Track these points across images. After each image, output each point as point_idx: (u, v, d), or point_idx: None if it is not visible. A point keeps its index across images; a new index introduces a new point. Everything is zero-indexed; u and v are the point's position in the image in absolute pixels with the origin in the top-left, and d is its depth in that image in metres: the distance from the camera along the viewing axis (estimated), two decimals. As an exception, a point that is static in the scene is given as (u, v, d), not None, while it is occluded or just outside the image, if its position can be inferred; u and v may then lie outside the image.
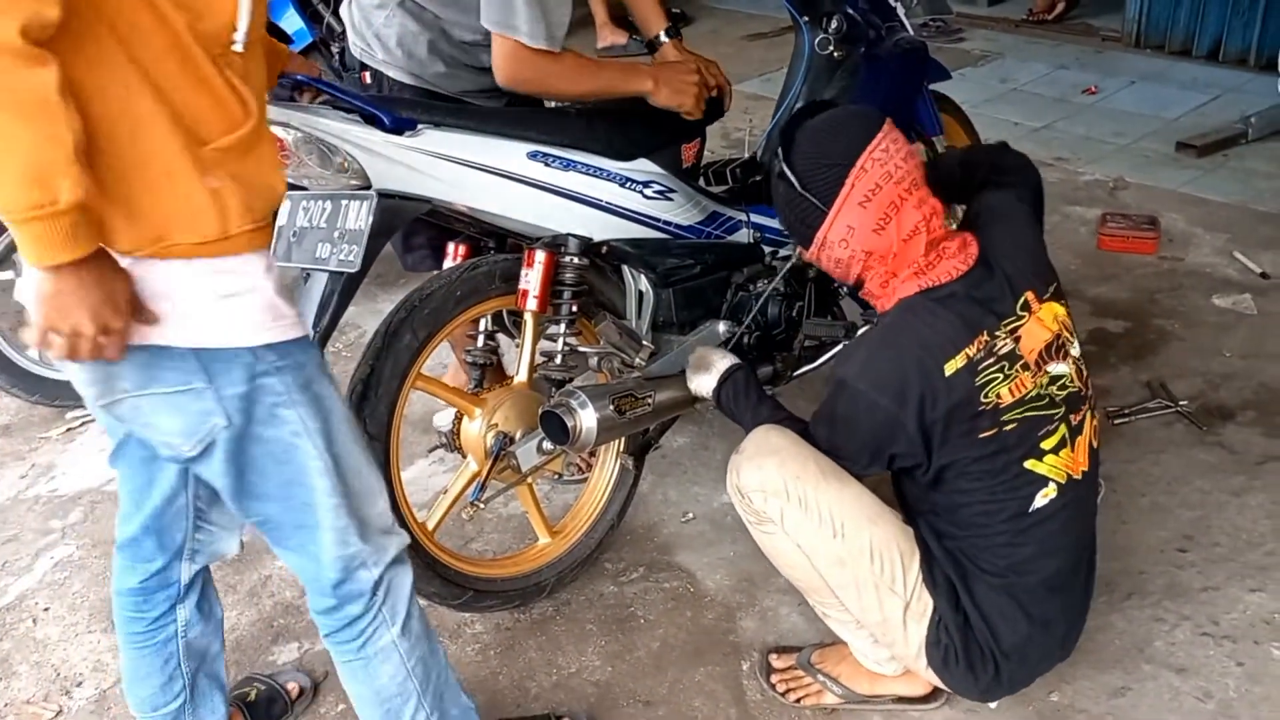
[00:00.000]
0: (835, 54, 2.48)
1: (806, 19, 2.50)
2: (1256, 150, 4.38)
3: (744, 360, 2.36)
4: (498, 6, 2.00)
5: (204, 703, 1.85)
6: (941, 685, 1.95)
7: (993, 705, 2.01)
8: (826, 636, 2.12)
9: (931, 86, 2.85)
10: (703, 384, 2.08)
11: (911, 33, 2.66)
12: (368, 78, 2.33)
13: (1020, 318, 1.79)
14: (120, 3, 1.20)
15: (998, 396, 1.75)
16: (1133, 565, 2.33)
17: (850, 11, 2.49)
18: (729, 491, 1.90)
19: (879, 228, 1.78)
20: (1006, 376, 1.75)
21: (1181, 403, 2.84)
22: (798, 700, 2.06)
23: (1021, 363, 1.77)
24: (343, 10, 2.39)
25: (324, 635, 1.63)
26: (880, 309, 1.86)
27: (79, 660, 2.26)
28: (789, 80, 2.58)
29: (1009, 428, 1.77)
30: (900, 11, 2.65)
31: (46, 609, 2.40)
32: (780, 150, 1.87)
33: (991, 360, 1.75)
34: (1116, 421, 2.79)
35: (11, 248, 2.86)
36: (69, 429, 3.01)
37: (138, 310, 1.28)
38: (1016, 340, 1.77)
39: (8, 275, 2.78)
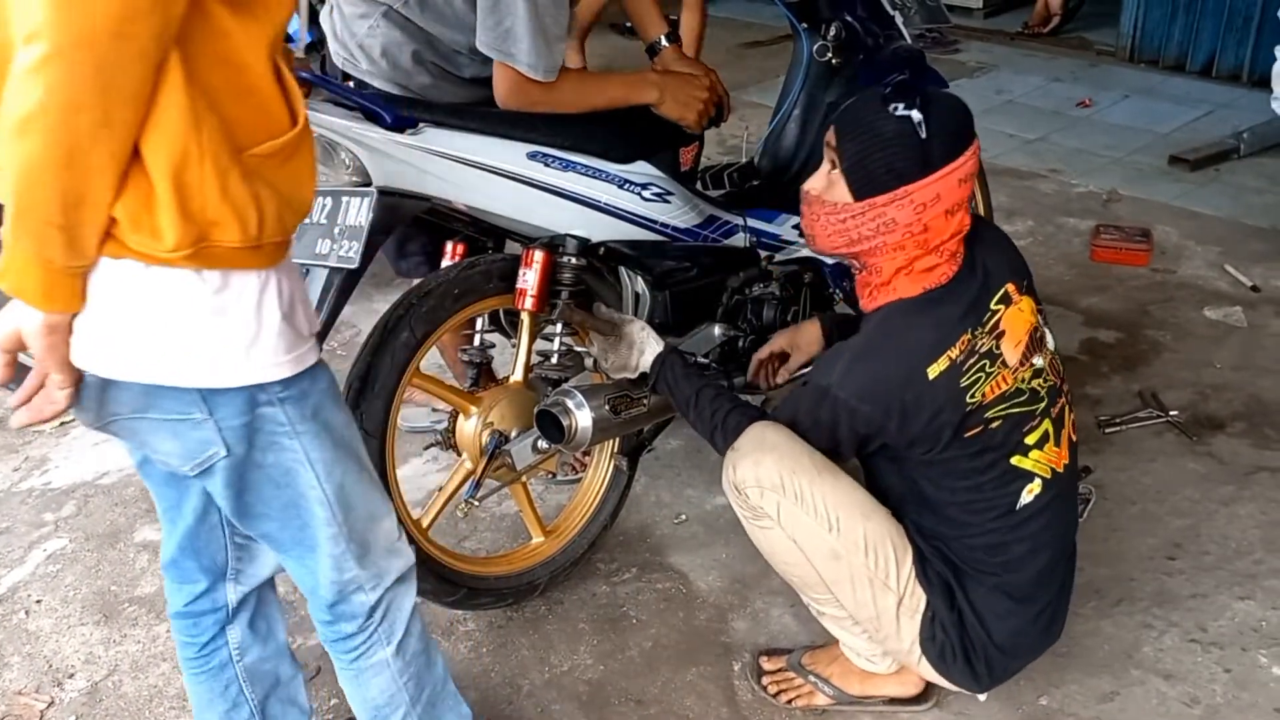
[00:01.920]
0: (834, 61, 2.49)
1: (805, 26, 2.52)
2: (1248, 165, 4.41)
3: (739, 362, 2.40)
4: (497, 33, 1.99)
5: None
6: (936, 678, 1.96)
7: (982, 697, 2.02)
8: (817, 637, 2.13)
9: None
10: (629, 376, 2.08)
11: (909, 41, 2.68)
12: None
13: (996, 312, 1.80)
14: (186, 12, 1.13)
15: (982, 395, 1.77)
16: (1123, 572, 2.35)
17: (849, 19, 2.50)
18: (724, 487, 1.91)
19: (951, 212, 1.76)
20: (988, 375, 1.77)
21: (1172, 413, 2.86)
22: (789, 702, 2.07)
23: (1001, 360, 1.78)
24: (322, 19, 2.33)
25: (322, 639, 1.61)
26: (867, 305, 1.85)
27: (71, 652, 2.26)
28: (787, 86, 2.60)
29: (994, 425, 1.79)
30: (898, 20, 2.67)
31: (39, 601, 2.40)
32: (908, 92, 1.75)
33: (974, 359, 1.76)
34: (1108, 431, 2.81)
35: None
36: (62, 423, 3.00)
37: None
38: (999, 336, 1.79)
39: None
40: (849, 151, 1.77)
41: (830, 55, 2.49)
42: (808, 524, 1.83)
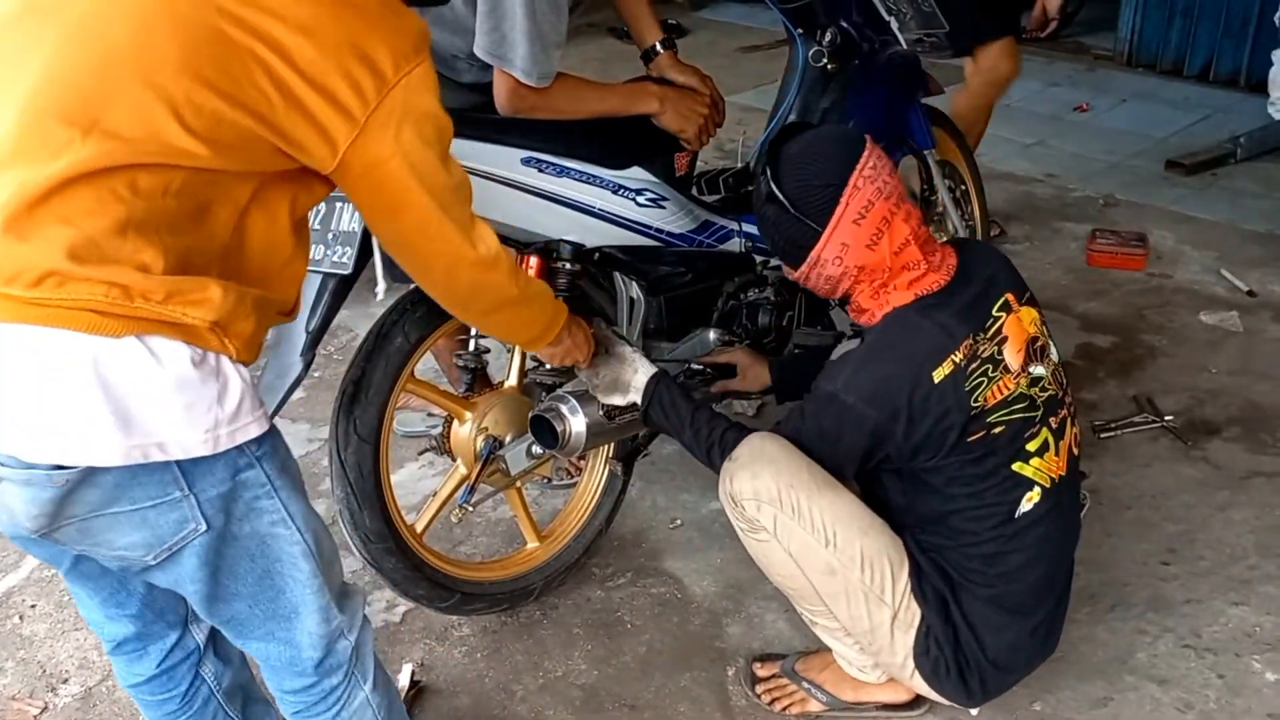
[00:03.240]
0: (829, 66, 2.49)
1: (801, 31, 2.52)
2: (1245, 170, 4.42)
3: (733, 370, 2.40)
4: (493, 38, 1.99)
5: None
6: (928, 693, 1.96)
7: (974, 712, 2.02)
8: (811, 643, 2.13)
9: (925, 100, 2.88)
10: (619, 401, 2.05)
11: (905, 47, 2.68)
12: None
13: (998, 319, 1.82)
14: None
15: (984, 400, 1.78)
16: (1117, 577, 2.35)
17: (844, 25, 2.50)
18: (721, 499, 1.91)
19: (872, 243, 1.80)
20: (990, 380, 1.79)
21: (1168, 418, 2.86)
22: (784, 709, 2.07)
23: (1004, 365, 1.80)
24: None
25: (293, 714, 1.55)
26: (867, 322, 1.88)
27: (65, 657, 2.26)
28: (782, 92, 2.60)
29: (997, 430, 1.80)
30: (894, 25, 2.66)
31: (33, 606, 2.39)
32: (767, 173, 1.87)
33: (977, 364, 1.78)
34: (1103, 435, 2.81)
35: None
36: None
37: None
38: (1001, 343, 1.81)
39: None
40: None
41: (825, 61, 2.49)
42: (804, 538, 1.83)
